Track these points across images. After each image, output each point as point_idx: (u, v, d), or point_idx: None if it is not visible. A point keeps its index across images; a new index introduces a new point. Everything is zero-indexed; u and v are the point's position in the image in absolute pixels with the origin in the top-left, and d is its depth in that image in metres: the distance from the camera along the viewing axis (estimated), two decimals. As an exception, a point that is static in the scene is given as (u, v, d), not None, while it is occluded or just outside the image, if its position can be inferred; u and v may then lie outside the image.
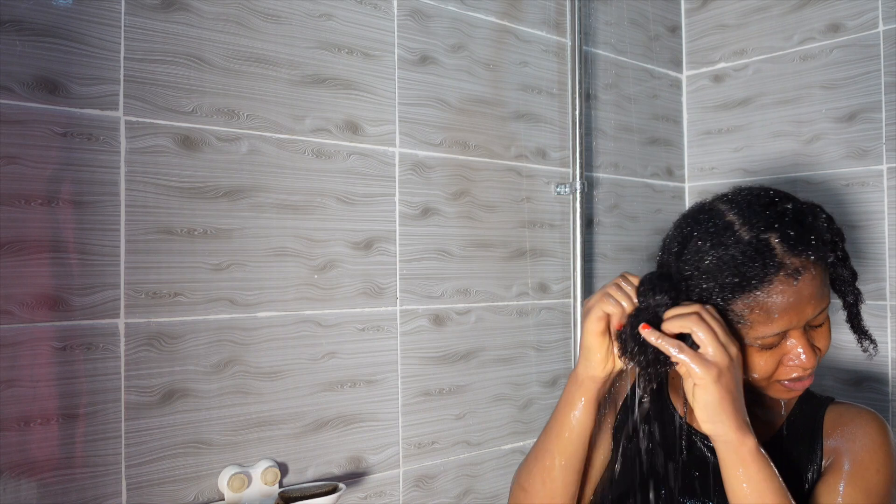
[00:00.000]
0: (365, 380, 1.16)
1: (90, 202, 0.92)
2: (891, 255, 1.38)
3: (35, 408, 0.88)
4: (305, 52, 1.11)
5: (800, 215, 0.84)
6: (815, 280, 0.82)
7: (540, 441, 0.96)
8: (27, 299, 0.87)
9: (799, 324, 0.83)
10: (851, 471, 0.86)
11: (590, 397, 0.91)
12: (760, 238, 0.81)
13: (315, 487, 1.06)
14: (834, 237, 0.88)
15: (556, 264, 1.43)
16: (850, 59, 1.43)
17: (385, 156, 1.19)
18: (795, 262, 0.81)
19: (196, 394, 1.00)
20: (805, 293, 0.81)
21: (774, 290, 0.81)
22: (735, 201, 0.87)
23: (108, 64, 0.94)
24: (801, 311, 0.82)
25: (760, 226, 0.82)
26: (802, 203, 0.88)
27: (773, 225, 0.82)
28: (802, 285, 0.81)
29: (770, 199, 0.86)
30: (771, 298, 0.81)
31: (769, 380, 0.87)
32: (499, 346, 1.34)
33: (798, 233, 0.82)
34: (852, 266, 0.90)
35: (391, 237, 1.20)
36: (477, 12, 1.32)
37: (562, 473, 0.92)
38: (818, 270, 0.83)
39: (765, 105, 1.55)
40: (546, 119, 1.42)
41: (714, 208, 0.87)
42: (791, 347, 0.84)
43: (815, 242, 0.82)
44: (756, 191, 0.88)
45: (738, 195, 0.88)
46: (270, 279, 1.07)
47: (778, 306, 0.81)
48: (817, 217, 0.87)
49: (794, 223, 0.83)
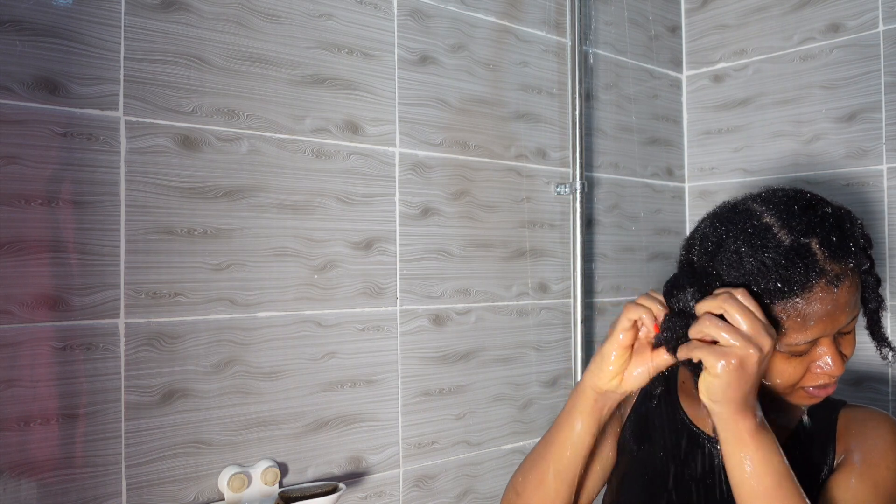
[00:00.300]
0: (365, 380, 1.16)
1: (90, 202, 0.92)
2: (891, 255, 1.38)
3: (35, 408, 0.88)
4: (305, 52, 1.11)
5: (839, 220, 0.82)
6: (851, 288, 0.80)
7: (538, 448, 0.94)
8: (27, 299, 0.87)
9: (832, 332, 0.80)
10: (861, 468, 0.85)
11: (591, 411, 0.87)
12: (801, 242, 0.78)
13: (315, 487, 1.06)
14: (866, 244, 0.85)
15: (556, 264, 1.43)
16: (850, 59, 1.43)
17: (385, 156, 1.19)
18: (836, 269, 0.79)
19: (196, 394, 1.00)
20: (842, 301, 0.79)
21: (814, 298, 0.78)
22: (771, 202, 0.83)
23: (108, 64, 0.94)
24: (835, 319, 0.80)
25: (801, 229, 0.79)
26: (838, 207, 0.85)
27: (814, 229, 0.79)
28: (841, 293, 0.79)
29: (808, 202, 0.83)
30: (810, 306, 0.78)
31: (794, 386, 0.84)
32: (499, 346, 1.34)
33: (839, 239, 0.79)
34: (877, 273, 0.88)
35: (391, 237, 1.20)
36: (477, 12, 1.32)
37: (555, 482, 0.90)
38: (854, 278, 0.81)
39: (765, 105, 1.55)
40: (546, 119, 1.42)
41: (749, 209, 0.83)
42: (820, 355, 0.82)
43: (854, 249, 0.80)
44: (791, 192, 0.85)
45: (774, 196, 0.85)
46: (270, 279, 1.07)
47: (815, 314, 0.78)
48: (854, 223, 0.84)
49: (834, 228, 0.80)
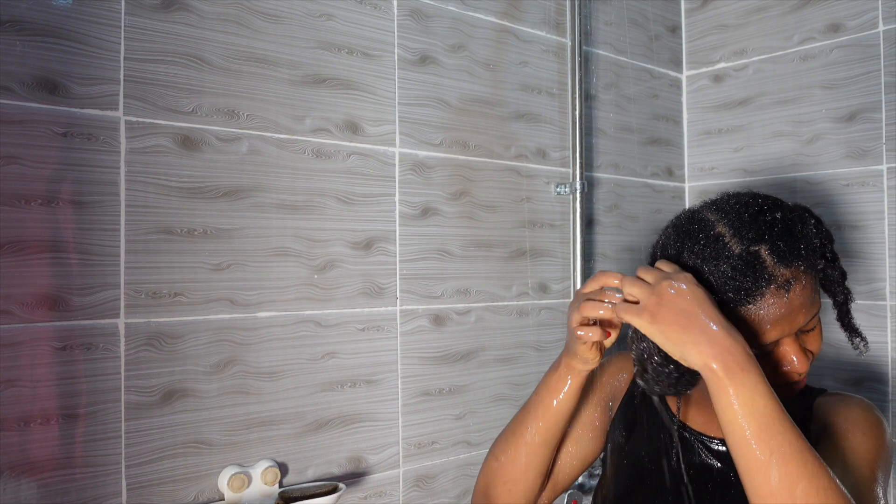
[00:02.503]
0: (365, 380, 1.16)
1: (90, 202, 0.92)
2: (891, 255, 1.38)
3: (35, 408, 0.88)
4: (305, 52, 1.11)
5: (789, 224, 0.84)
6: (805, 289, 0.82)
7: (519, 417, 0.97)
8: (27, 299, 0.87)
9: (791, 332, 0.83)
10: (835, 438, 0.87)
11: (567, 383, 0.92)
12: (751, 251, 0.81)
13: (315, 487, 1.06)
14: (823, 241, 0.87)
15: (556, 264, 1.43)
16: (850, 59, 1.43)
17: (385, 156, 1.19)
18: (786, 274, 0.81)
19: (196, 394, 1.00)
20: (796, 303, 0.81)
21: (766, 303, 0.80)
22: (724, 210, 0.86)
23: (108, 64, 0.94)
24: (792, 320, 0.82)
25: (751, 237, 0.82)
26: (791, 209, 0.87)
27: (762, 236, 0.82)
28: (793, 296, 0.81)
29: (759, 208, 0.85)
30: (764, 311, 0.81)
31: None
32: (499, 346, 1.34)
33: (788, 243, 0.81)
34: (842, 266, 0.89)
35: (391, 237, 1.20)
36: (477, 12, 1.32)
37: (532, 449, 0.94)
38: (808, 278, 0.82)
39: (765, 105, 1.55)
40: (546, 119, 1.42)
41: (704, 219, 0.86)
42: (784, 354, 0.84)
43: (805, 252, 0.82)
44: (744, 198, 0.87)
45: (727, 203, 0.87)
46: (270, 279, 1.07)
47: (770, 318, 0.81)
48: (806, 223, 0.85)
49: (783, 233, 0.82)
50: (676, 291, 0.77)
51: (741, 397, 0.73)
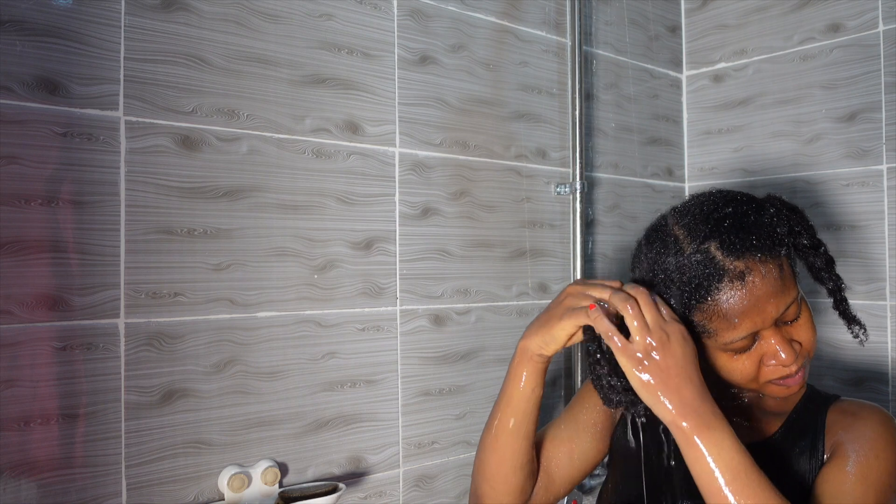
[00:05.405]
0: (365, 380, 1.16)
1: (90, 202, 0.92)
2: (891, 255, 1.38)
3: (35, 408, 0.88)
4: (305, 52, 1.11)
5: (740, 217, 0.83)
6: (767, 278, 0.81)
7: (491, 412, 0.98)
8: (27, 299, 0.87)
9: (764, 324, 0.82)
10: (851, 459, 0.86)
11: (534, 370, 0.92)
12: (701, 248, 0.82)
13: (315, 487, 1.06)
14: (794, 227, 0.86)
15: (556, 264, 1.43)
16: (850, 59, 1.43)
17: (385, 156, 1.19)
18: (739, 266, 0.81)
19: (196, 394, 1.00)
20: (759, 293, 0.81)
21: (724, 297, 0.81)
22: (682, 213, 0.88)
23: (108, 64, 0.94)
24: (762, 311, 0.81)
25: (702, 235, 0.83)
26: (751, 202, 0.87)
27: (712, 233, 0.82)
28: (753, 286, 0.80)
29: (713, 206, 0.86)
30: (725, 305, 0.81)
31: (758, 382, 0.86)
32: (499, 346, 1.34)
33: (739, 236, 0.81)
34: (828, 253, 0.89)
35: (391, 237, 1.20)
36: (477, 12, 1.32)
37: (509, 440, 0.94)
38: (770, 267, 0.81)
39: (765, 105, 1.55)
40: (546, 119, 1.42)
41: (664, 224, 0.89)
42: (768, 347, 0.84)
43: (758, 241, 0.81)
44: (702, 198, 0.89)
45: (687, 206, 0.89)
46: (270, 279, 1.07)
47: (734, 311, 0.81)
48: (762, 213, 0.85)
49: (733, 227, 0.82)
50: (668, 350, 0.80)
51: (712, 450, 0.78)
